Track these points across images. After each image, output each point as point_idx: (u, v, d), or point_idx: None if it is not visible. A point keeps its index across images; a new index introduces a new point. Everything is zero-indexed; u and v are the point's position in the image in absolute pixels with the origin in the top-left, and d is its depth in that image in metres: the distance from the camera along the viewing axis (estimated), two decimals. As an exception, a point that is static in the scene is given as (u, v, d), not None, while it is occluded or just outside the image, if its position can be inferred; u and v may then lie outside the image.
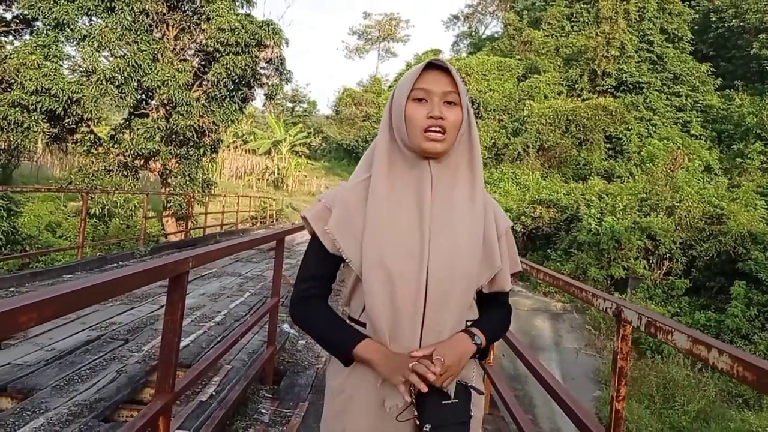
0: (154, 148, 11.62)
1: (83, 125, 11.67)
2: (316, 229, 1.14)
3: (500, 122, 26.36)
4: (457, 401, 1.06)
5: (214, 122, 12.73)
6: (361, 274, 1.08)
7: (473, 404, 1.11)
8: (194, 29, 12.54)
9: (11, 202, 8.00)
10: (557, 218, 16.60)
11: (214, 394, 3.20)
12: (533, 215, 16.86)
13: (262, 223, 19.42)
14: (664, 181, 16.61)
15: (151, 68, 11.31)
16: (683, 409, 7.88)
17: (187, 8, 12.46)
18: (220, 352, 2.46)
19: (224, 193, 19.17)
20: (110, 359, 3.59)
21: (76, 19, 11.12)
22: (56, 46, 11.01)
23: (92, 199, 10.31)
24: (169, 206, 12.64)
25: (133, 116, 12.28)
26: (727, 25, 26.46)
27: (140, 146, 11.46)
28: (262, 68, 13.60)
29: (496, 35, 43.75)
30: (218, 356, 2.42)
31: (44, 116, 10.45)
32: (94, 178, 11.29)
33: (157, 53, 11.74)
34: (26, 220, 9.37)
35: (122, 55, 11.30)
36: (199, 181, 13.20)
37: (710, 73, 24.70)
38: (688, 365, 8.88)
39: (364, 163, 1.19)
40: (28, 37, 12.06)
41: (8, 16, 12.15)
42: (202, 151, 13.42)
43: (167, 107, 11.96)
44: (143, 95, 12.28)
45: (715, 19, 27.32)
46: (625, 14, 24.91)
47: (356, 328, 1.12)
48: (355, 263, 1.09)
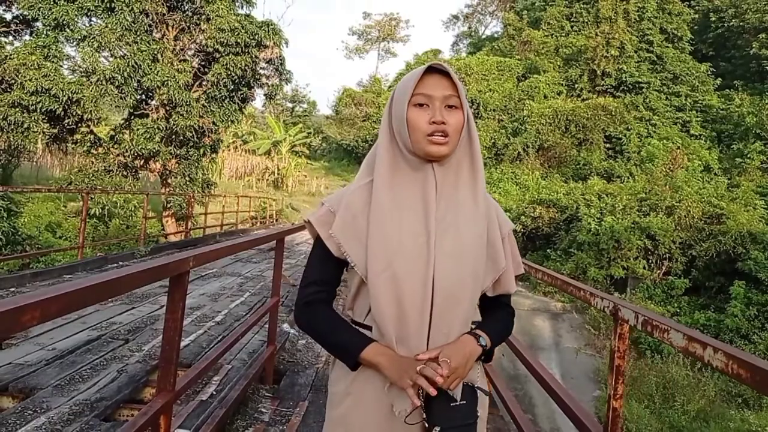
0: (154, 148, 11.63)
1: (83, 125, 11.67)
2: (320, 233, 1.13)
3: (500, 122, 26.37)
4: (464, 403, 1.06)
5: (213, 122, 12.75)
6: (366, 277, 1.07)
7: (479, 405, 1.12)
8: (194, 29, 12.54)
9: (11, 202, 8.02)
10: (557, 218, 16.62)
11: (214, 393, 3.21)
12: (533, 215, 16.88)
13: (261, 223, 19.41)
14: (663, 180, 16.62)
15: (150, 68, 11.32)
16: (683, 408, 7.90)
17: (186, 9, 12.48)
18: (220, 351, 2.47)
19: (224, 193, 19.18)
20: (111, 359, 3.60)
21: (75, 19, 11.13)
22: (56, 46, 11.03)
23: (92, 199, 10.31)
24: (169, 206, 12.65)
25: (133, 116, 12.29)
26: (726, 24, 26.47)
27: (140, 146, 11.47)
28: (261, 68, 13.63)
29: (495, 35, 43.78)
30: (218, 355, 2.43)
31: (44, 116, 10.46)
32: (94, 178, 11.31)
33: (156, 53, 11.74)
34: (26, 220, 9.39)
35: (122, 55, 11.31)
36: (198, 181, 13.22)
37: (710, 72, 24.73)
38: (687, 365, 8.87)
39: (366, 166, 1.18)
40: (28, 37, 12.09)
41: (8, 16, 12.17)
42: (202, 151, 13.43)
43: (167, 107, 11.96)
44: (143, 95, 12.30)
45: (714, 18, 27.33)
46: (624, 14, 24.92)
47: (362, 331, 1.12)
48: (360, 267, 1.09)
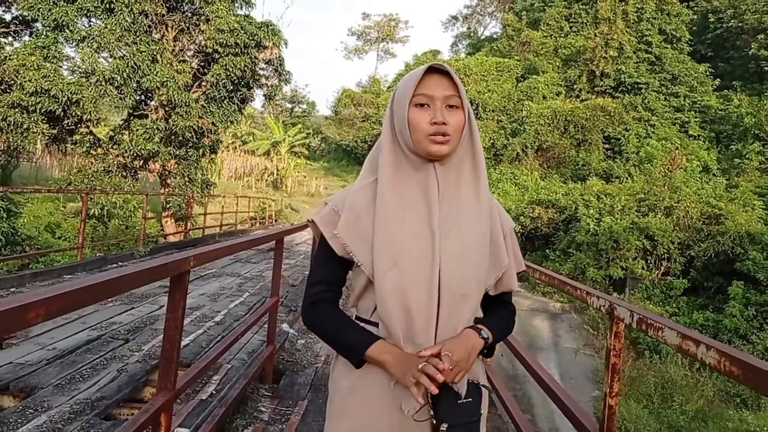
0: (153, 148, 11.63)
1: (82, 126, 11.67)
2: (325, 233, 1.14)
3: (499, 123, 26.39)
4: (470, 400, 1.07)
5: (213, 123, 12.76)
6: (372, 276, 1.08)
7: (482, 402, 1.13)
8: (193, 30, 12.55)
9: (11, 203, 8.03)
10: (556, 218, 16.64)
11: (214, 392, 3.22)
12: (532, 215, 16.90)
13: (261, 223, 19.43)
14: (662, 181, 16.64)
15: (150, 69, 11.32)
16: (681, 408, 7.91)
17: (186, 9, 12.48)
18: (220, 350, 2.48)
19: (223, 193, 19.20)
20: (111, 358, 3.62)
21: (75, 20, 11.13)
22: (55, 47, 11.02)
23: (92, 199, 10.32)
24: (168, 207, 12.65)
25: (132, 117, 12.29)
26: (725, 25, 26.51)
27: (139, 147, 11.47)
28: (261, 69, 13.63)
29: (495, 36, 43.84)
30: (218, 355, 2.44)
31: (44, 117, 10.45)
32: (93, 178, 11.30)
33: (156, 54, 11.75)
34: (26, 220, 9.40)
35: (121, 56, 11.31)
36: (198, 181, 13.23)
37: (708, 73, 24.74)
38: (686, 365, 8.88)
39: (368, 165, 1.19)
40: (27, 38, 12.07)
41: (8, 17, 12.16)
42: (201, 151, 13.43)
43: (166, 108, 11.97)
44: (142, 96, 12.30)
45: (713, 19, 27.38)
46: (623, 15, 24.96)
47: (368, 328, 1.12)
48: (366, 266, 1.09)
